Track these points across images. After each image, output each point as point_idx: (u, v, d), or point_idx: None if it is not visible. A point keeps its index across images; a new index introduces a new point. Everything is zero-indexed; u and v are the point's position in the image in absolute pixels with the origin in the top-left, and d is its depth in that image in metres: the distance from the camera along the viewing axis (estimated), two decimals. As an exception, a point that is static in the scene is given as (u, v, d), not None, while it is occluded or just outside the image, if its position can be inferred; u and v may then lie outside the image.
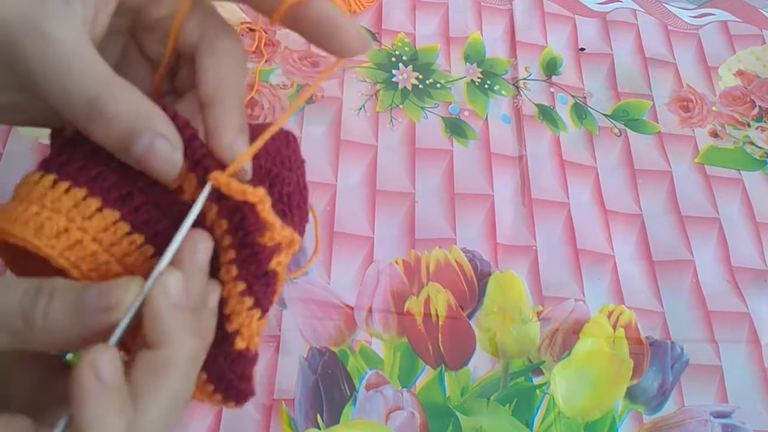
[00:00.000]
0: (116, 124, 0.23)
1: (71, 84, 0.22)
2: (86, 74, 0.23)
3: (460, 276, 0.53)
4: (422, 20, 0.67)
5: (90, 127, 0.23)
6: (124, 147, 0.23)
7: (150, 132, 0.23)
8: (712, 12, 0.73)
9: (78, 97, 0.22)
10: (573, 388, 0.50)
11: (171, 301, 0.22)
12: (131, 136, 0.23)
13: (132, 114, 0.23)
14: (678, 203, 0.59)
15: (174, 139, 0.23)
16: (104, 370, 0.21)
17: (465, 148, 0.59)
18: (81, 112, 0.23)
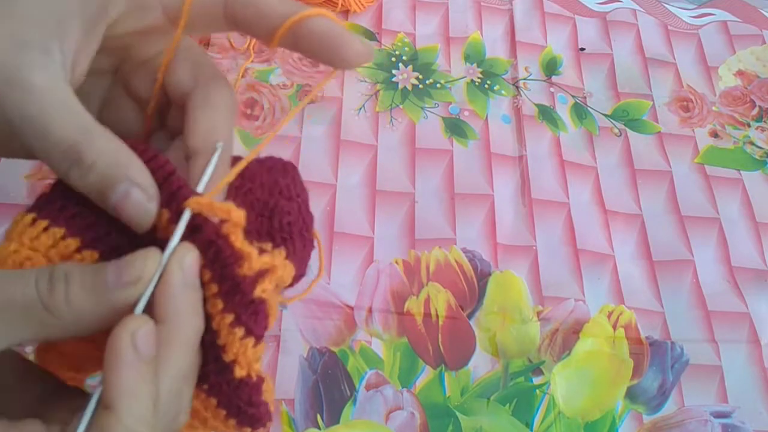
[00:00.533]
0: (93, 173, 0.23)
1: (49, 132, 0.22)
2: (65, 122, 0.23)
3: (460, 276, 0.53)
4: (422, 20, 0.67)
5: (68, 174, 0.23)
6: (101, 195, 0.23)
7: (126, 182, 0.23)
8: (712, 12, 0.73)
9: (56, 145, 0.23)
10: (573, 388, 0.50)
11: (185, 278, 0.23)
12: (108, 185, 0.23)
13: (109, 163, 0.23)
14: (678, 203, 0.59)
15: (149, 189, 0.24)
16: (141, 341, 0.21)
17: (465, 148, 0.59)
18: (59, 160, 0.23)
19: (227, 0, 0.25)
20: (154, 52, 0.27)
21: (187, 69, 0.27)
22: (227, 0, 0.25)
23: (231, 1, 0.25)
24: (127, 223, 0.24)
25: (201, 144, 0.25)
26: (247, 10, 0.25)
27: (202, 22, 0.26)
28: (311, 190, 0.56)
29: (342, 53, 0.25)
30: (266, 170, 0.27)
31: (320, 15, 0.25)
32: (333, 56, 0.25)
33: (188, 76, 0.26)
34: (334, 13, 0.64)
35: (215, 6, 0.25)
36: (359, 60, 0.25)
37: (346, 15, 0.65)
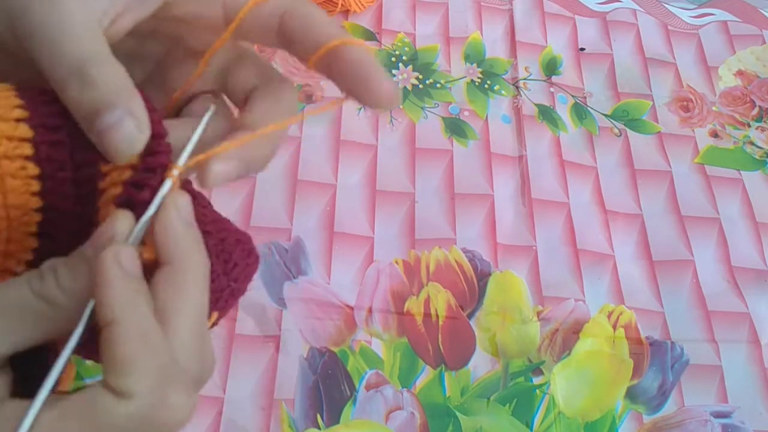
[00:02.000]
0: (93, 90, 0.22)
1: (65, 44, 0.22)
2: (82, 40, 0.23)
3: (460, 276, 0.53)
4: (422, 20, 0.67)
5: (67, 87, 0.22)
6: (92, 115, 0.22)
7: (123, 108, 0.22)
8: (712, 12, 0.73)
9: (66, 55, 0.22)
10: (573, 388, 0.50)
11: (183, 217, 0.23)
12: (104, 106, 0.22)
13: (112, 87, 0.22)
14: (678, 203, 0.59)
15: (143, 124, 0.23)
16: (126, 260, 0.21)
17: (465, 148, 0.59)
18: (64, 71, 0.22)
19: (285, 13, 0.25)
20: (205, 45, 0.26)
21: (254, 70, 0.27)
22: (285, 13, 0.25)
23: (288, 15, 0.25)
24: (104, 151, 0.23)
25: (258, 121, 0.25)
26: (297, 22, 0.25)
27: (256, 30, 0.26)
28: (311, 190, 0.57)
29: (372, 90, 0.24)
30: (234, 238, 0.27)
31: (361, 46, 0.25)
32: (363, 92, 0.25)
33: (254, 75, 0.27)
34: (333, 13, 0.64)
35: (272, 17, 0.25)
36: (386, 101, 0.25)
37: (346, 15, 0.65)
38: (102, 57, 0.23)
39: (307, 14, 0.25)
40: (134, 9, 0.25)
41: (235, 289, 0.28)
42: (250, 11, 0.25)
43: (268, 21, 0.25)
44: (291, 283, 0.50)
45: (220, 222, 0.28)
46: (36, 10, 0.22)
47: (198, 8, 0.26)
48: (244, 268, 0.28)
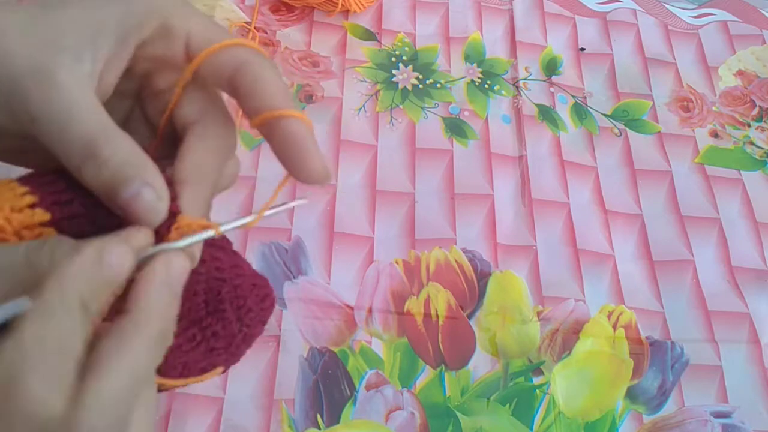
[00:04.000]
0: (108, 168, 0.23)
1: (70, 126, 0.23)
2: (86, 118, 0.23)
3: (460, 276, 0.53)
4: (422, 20, 0.67)
5: (82, 167, 0.23)
6: (112, 191, 0.23)
7: (139, 180, 0.23)
8: (712, 12, 0.73)
9: (75, 138, 0.23)
10: (573, 388, 0.50)
11: (167, 279, 0.23)
12: (121, 181, 0.23)
13: (125, 160, 0.23)
14: (678, 203, 0.59)
15: (161, 191, 0.24)
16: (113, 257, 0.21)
17: (465, 148, 0.59)
18: (76, 153, 0.23)
19: (237, 68, 0.26)
20: (169, 83, 0.27)
21: (197, 104, 0.27)
22: (237, 68, 0.26)
23: (239, 73, 0.26)
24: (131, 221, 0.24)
25: (186, 173, 0.26)
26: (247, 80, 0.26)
27: (210, 76, 0.26)
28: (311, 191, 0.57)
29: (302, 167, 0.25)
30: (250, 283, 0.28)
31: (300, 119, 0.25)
32: (293, 165, 0.25)
33: (196, 110, 0.27)
34: (333, 13, 0.64)
35: (227, 67, 0.26)
36: (316, 179, 0.25)
37: (346, 15, 0.65)
38: (108, 132, 0.24)
39: (259, 75, 0.25)
40: (114, 62, 0.25)
41: (247, 334, 0.29)
42: (208, 57, 0.26)
43: (222, 70, 0.26)
44: (291, 283, 0.50)
45: (237, 267, 0.28)
46: (34, 96, 0.23)
47: (163, 48, 0.26)
48: (258, 313, 0.29)
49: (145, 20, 0.25)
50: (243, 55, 0.26)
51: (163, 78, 0.27)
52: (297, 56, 0.62)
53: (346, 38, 0.64)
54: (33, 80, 0.23)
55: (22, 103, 0.23)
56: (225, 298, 0.27)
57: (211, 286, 0.27)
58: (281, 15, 0.64)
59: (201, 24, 0.26)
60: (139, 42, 0.26)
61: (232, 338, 0.28)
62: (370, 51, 0.63)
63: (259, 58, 0.26)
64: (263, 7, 0.64)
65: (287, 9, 0.65)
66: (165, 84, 0.27)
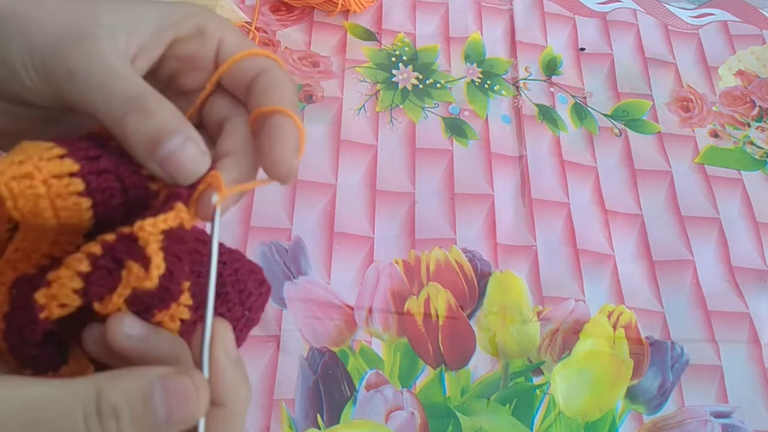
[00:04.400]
0: (153, 119, 0.23)
1: (113, 81, 0.23)
2: (127, 77, 0.24)
3: (460, 276, 0.53)
4: (422, 20, 0.67)
5: (126, 116, 0.23)
6: (153, 143, 0.23)
7: (184, 133, 0.24)
8: (712, 12, 0.73)
9: (119, 93, 0.23)
10: (573, 388, 0.50)
11: (231, 355, 0.23)
12: (166, 133, 0.23)
13: (170, 115, 0.24)
14: (678, 203, 0.59)
15: (204, 147, 0.24)
16: None
17: (465, 148, 0.59)
18: (120, 104, 0.23)
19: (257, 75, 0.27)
20: (194, 84, 0.28)
21: (228, 101, 0.28)
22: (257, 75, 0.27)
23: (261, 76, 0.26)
24: (171, 174, 0.24)
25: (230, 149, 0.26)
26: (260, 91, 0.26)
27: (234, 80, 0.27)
28: (311, 190, 0.57)
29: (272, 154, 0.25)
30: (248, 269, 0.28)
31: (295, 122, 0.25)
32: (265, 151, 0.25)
33: (228, 106, 0.27)
34: (333, 13, 0.64)
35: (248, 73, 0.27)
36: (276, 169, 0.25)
37: (346, 15, 0.65)
38: (152, 91, 0.24)
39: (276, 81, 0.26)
40: (147, 50, 0.26)
41: (249, 318, 0.29)
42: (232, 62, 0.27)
43: (244, 74, 0.27)
44: (291, 283, 0.50)
45: (234, 252, 0.28)
46: (75, 53, 0.23)
47: (196, 48, 0.27)
48: (257, 297, 0.29)
49: (183, 19, 0.26)
50: (266, 64, 0.27)
51: (189, 78, 0.28)
52: (297, 56, 0.62)
53: (346, 38, 0.64)
54: (74, 40, 0.23)
55: (61, 60, 0.23)
56: (227, 281, 0.27)
57: None
58: (281, 15, 0.64)
59: (234, 32, 0.27)
60: (175, 38, 0.26)
61: (236, 322, 0.28)
62: (370, 51, 0.64)
63: (280, 71, 0.27)
64: (263, 7, 0.64)
65: (287, 9, 0.65)
66: (191, 84, 0.28)
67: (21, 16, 0.24)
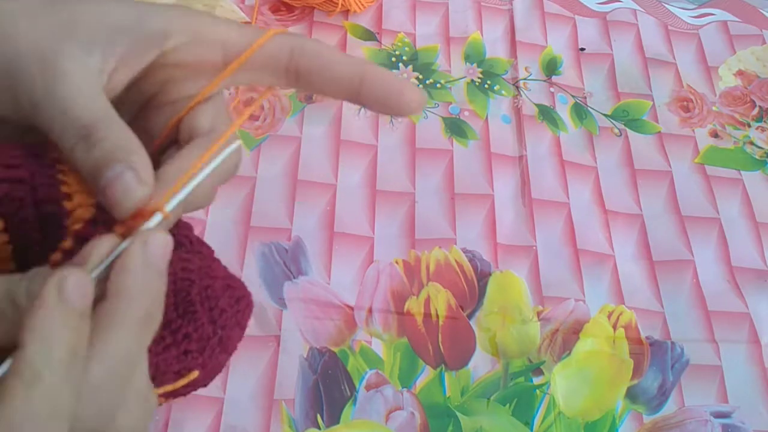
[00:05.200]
0: (98, 148, 0.23)
1: (71, 108, 0.23)
2: (87, 104, 0.24)
3: (460, 276, 0.53)
4: (422, 20, 0.67)
5: (74, 148, 0.23)
6: (96, 171, 0.23)
7: (125, 163, 0.23)
8: (712, 12, 0.73)
9: (74, 120, 0.23)
10: (573, 388, 0.50)
11: (147, 258, 0.22)
12: (107, 162, 0.23)
13: (116, 144, 0.23)
14: (678, 203, 0.59)
15: (145, 177, 0.23)
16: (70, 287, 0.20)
17: (465, 148, 0.59)
18: (71, 134, 0.23)
19: (294, 50, 0.26)
20: (185, 94, 0.27)
21: (209, 118, 0.27)
22: (294, 50, 0.26)
23: (298, 52, 0.26)
24: (109, 206, 0.23)
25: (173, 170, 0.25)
26: (313, 62, 0.26)
27: (262, 69, 0.26)
28: (311, 190, 0.57)
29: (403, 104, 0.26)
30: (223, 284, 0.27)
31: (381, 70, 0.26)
32: (394, 107, 0.26)
33: (206, 123, 0.27)
34: (333, 13, 0.64)
35: (280, 55, 0.26)
36: (417, 109, 0.26)
37: (346, 15, 0.65)
38: (107, 117, 0.24)
39: (319, 51, 0.26)
40: (130, 63, 0.25)
41: (223, 336, 0.28)
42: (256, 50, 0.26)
43: (275, 60, 0.26)
44: (291, 283, 0.50)
45: (208, 269, 0.28)
46: (38, 83, 0.23)
47: (194, 55, 0.26)
48: (234, 315, 0.28)
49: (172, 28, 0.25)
50: (288, 42, 0.26)
51: (183, 85, 0.27)
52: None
53: (346, 38, 0.64)
54: (37, 66, 0.23)
55: (26, 90, 0.23)
56: (195, 299, 0.27)
57: (179, 287, 0.27)
58: (281, 15, 0.64)
59: (233, 28, 0.26)
60: (167, 49, 0.25)
61: (206, 341, 0.27)
62: (370, 51, 0.64)
63: (301, 40, 0.26)
64: (263, 7, 0.64)
65: (287, 9, 0.65)
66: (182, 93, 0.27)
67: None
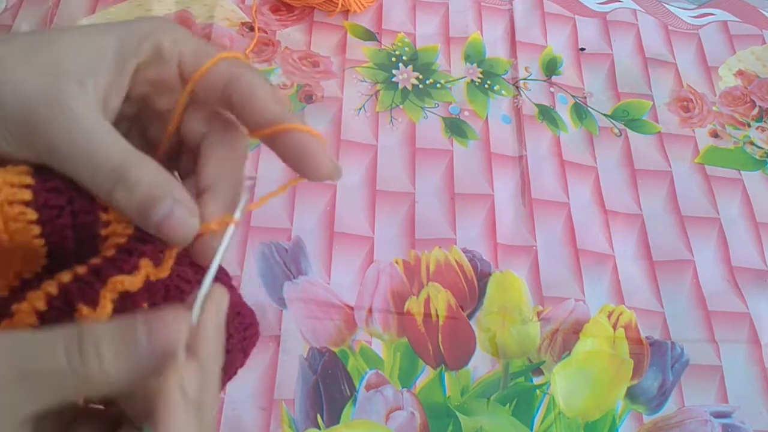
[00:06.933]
0: (138, 191, 0.24)
1: (95, 154, 0.24)
2: (109, 145, 0.24)
3: (460, 276, 0.53)
4: (422, 20, 0.67)
5: (114, 193, 0.24)
6: (144, 212, 0.24)
7: (170, 198, 0.24)
8: (712, 12, 0.73)
9: (103, 166, 0.24)
10: (573, 388, 0.50)
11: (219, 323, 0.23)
12: (152, 202, 0.24)
13: (153, 182, 0.24)
14: (678, 203, 0.59)
15: (191, 206, 0.25)
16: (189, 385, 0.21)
17: (465, 148, 0.59)
18: (105, 180, 0.24)
19: (228, 83, 0.27)
20: (168, 105, 0.28)
21: (201, 117, 0.28)
22: (228, 83, 0.27)
23: (231, 87, 0.26)
24: (169, 239, 0.25)
25: (210, 180, 0.27)
26: (241, 99, 0.27)
27: (204, 93, 0.27)
28: (311, 190, 0.57)
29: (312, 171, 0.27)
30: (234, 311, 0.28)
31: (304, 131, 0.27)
32: (304, 171, 0.27)
33: (202, 123, 0.28)
34: (333, 13, 0.64)
35: (218, 83, 0.27)
36: (326, 177, 0.27)
37: (346, 15, 0.65)
38: (132, 154, 0.25)
39: (250, 85, 0.26)
40: (115, 88, 0.26)
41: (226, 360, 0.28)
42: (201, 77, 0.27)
43: (214, 87, 0.27)
44: (291, 283, 0.50)
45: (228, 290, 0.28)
46: (51, 127, 0.23)
47: (157, 71, 0.27)
48: (240, 341, 0.29)
49: (139, 46, 0.26)
50: (231, 70, 0.27)
51: (161, 100, 0.28)
52: (297, 56, 0.62)
53: (346, 38, 0.64)
54: (46, 109, 0.23)
55: (39, 134, 0.24)
56: None
57: None
58: (281, 15, 0.64)
59: (191, 45, 0.27)
60: (137, 65, 0.26)
61: None
62: (370, 51, 0.64)
63: (246, 70, 0.27)
64: (263, 7, 0.64)
65: (287, 9, 0.65)
66: (164, 105, 0.28)
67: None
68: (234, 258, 0.51)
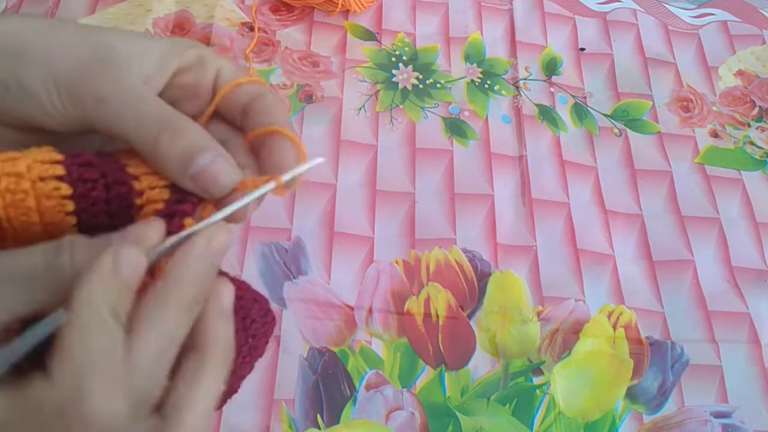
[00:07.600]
0: (185, 137, 0.25)
1: (143, 104, 0.25)
2: (156, 100, 0.26)
3: (460, 276, 0.53)
4: (422, 20, 0.67)
5: (160, 137, 0.25)
6: (187, 159, 0.25)
7: (213, 150, 0.25)
8: (712, 12, 0.73)
9: (152, 113, 0.25)
10: (573, 388, 0.50)
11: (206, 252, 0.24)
12: (197, 149, 0.25)
13: (200, 134, 0.26)
14: (678, 203, 0.59)
15: (232, 161, 0.26)
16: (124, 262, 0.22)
17: (465, 148, 0.59)
18: (153, 125, 0.25)
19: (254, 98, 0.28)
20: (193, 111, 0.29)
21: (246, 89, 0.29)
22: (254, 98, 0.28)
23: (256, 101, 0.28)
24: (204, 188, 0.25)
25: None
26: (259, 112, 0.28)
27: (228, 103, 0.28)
28: (311, 190, 0.57)
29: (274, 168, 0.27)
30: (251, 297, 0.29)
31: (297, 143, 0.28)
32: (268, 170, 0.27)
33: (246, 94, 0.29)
34: (333, 13, 0.64)
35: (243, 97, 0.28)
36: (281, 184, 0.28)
37: (346, 15, 0.65)
38: (178, 112, 0.26)
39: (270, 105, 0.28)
40: (153, 79, 0.27)
41: (252, 346, 0.30)
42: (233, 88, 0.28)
43: (239, 99, 0.28)
44: (291, 283, 0.50)
45: (237, 281, 0.29)
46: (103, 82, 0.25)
47: (195, 77, 0.28)
48: (261, 326, 0.30)
49: (183, 52, 0.28)
50: (258, 90, 0.28)
51: (188, 105, 0.29)
52: (297, 56, 0.62)
53: (346, 38, 0.64)
54: (96, 65, 0.25)
55: (89, 85, 0.25)
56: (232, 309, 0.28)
57: None
58: (281, 15, 0.64)
59: (229, 64, 0.29)
60: (178, 68, 0.28)
61: (240, 348, 0.28)
62: (370, 51, 0.63)
63: (272, 96, 0.29)
64: (263, 7, 0.64)
65: (287, 9, 0.65)
66: (190, 110, 0.29)
67: (41, 45, 0.25)
68: (234, 258, 0.51)
